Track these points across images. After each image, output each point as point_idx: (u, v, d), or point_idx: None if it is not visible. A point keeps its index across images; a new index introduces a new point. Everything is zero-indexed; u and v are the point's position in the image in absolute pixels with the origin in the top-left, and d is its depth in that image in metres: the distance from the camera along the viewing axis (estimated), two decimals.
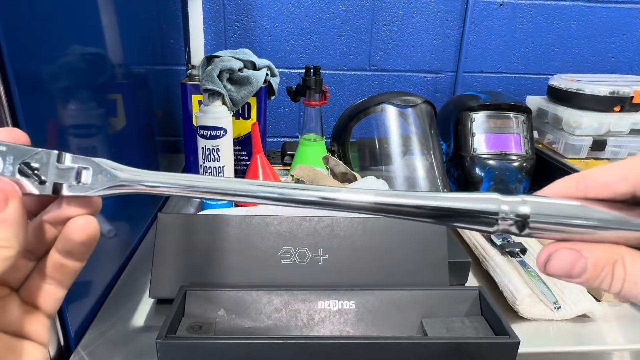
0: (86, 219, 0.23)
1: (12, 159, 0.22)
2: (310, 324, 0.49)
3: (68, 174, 0.23)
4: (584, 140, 0.85)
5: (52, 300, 0.24)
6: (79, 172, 0.23)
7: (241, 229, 0.54)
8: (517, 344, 0.44)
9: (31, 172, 0.22)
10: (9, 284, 0.24)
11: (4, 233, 0.20)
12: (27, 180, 0.22)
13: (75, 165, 0.23)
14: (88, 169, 0.23)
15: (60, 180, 0.22)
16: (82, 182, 0.23)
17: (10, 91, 0.37)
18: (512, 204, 0.22)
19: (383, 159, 0.84)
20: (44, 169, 0.22)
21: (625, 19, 1.08)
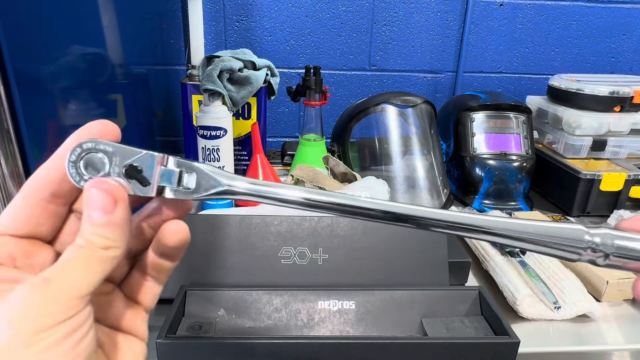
0: (177, 224, 0.24)
1: (118, 160, 0.22)
2: (310, 324, 0.49)
3: (171, 177, 0.23)
4: (584, 140, 0.85)
5: (151, 295, 0.26)
6: (181, 176, 0.23)
7: (241, 229, 0.54)
8: (517, 344, 0.44)
9: (137, 174, 0.22)
10: (112, 279, 0.25)
11: (113, 234, 0.21)
12: (132, 182, 0.22)
13: (178, 169, 0.23)
14: (191, 174, 0.23)
15: (163, 183, 0.23)
16: (184, 185, 0.23)
17: (10, 91, 0.37)
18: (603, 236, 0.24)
19: (383, 159, 0.84)
20: (148, 171, 0.23)
21: (625, 19, 1.08)
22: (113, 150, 0.22)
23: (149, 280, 0.25)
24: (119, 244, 0.21)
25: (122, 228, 0.21)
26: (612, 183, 0.79)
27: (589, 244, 0.24)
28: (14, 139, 0.38)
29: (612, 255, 0.24)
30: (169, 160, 0.23)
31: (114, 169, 0.22)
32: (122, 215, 0.21)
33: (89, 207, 0.21)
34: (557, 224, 0.25)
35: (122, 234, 0.21)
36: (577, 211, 0.82)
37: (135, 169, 0.22)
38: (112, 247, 0.21)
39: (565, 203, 0.84)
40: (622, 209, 0.79)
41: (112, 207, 0.21)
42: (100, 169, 0.22)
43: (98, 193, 0.21)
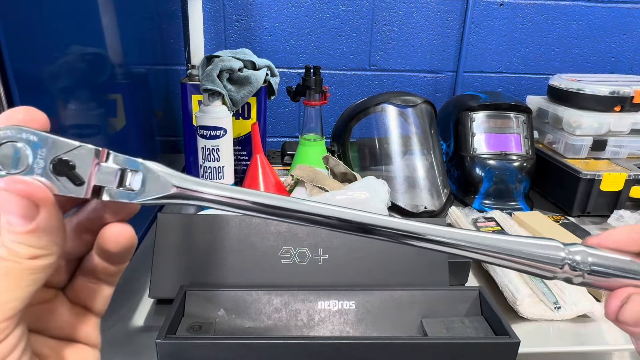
0: (119, 227, 0.21)
1: (45, 152, 0.18)
2: (310, 324, 0.49)
3: (110, 176, 0.19)
4: (584, 140, 0.85)
5: (101, 299, 0.23)
6: (123, 175, 0.20)
7: (241, 229, 0.54)
8: (517, 344, 0.44)
9: (67, 170, 0.19)
10: (52, 284, 0.22)
11: (40, 242, 0.18)
12: (62, 180, 0.19)
13: (120, 166, 0.20)
14: (136, 172, 0.20)
15: (100, 182, 0.19)
16: (127, 186, 0.20)
17: (10, 91, 0.37)
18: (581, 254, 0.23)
19: (383, 159, 0.83)
20: (82, 167, 0.19)
21: (626, 18, 1.08)
22: (38, 140, 0.18)
23: (97, 283, 0.22)
24: (50, 250, 0.18)
25: (51, 233, 0.18)
26: (612, 183, 0.79)
27: (567, 261, 0.23)
28: None
29: (587, 274, 0.23)
30: (109, 156, 0.20)
31: (38, 163, 0.18)
32: (48, 220, 0.18)
33: (5, 211, 0.17)
34: (531, 239, 0.23)
35: (52, 240, 0.18)
36: (578, 211, 0.82)
37: (65, 163, 0.18)
38: (42, 255, 0.18)
39: (565, 203, 0.84)
40: (623, 209, 0.79)
41: (34, 211, 0.17)
42: (21, 163, 0.18)
43: (14, 195, 0.17)
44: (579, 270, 0.23)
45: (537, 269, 0.23)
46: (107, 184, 0.20)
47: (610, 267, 0.23)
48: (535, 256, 0.23)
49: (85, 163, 0.19)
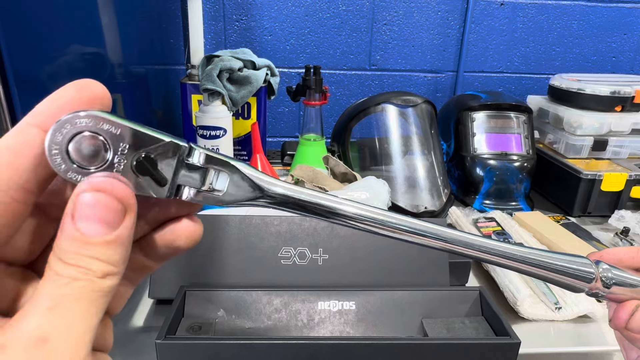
0: (195, 225, 0.19)
1: (127, 147, 0.16)
2: (311, 325, 0.49)
3: (193, 175, 0.17)
4: (585, 140, 0.85)
5: (122, 301, 0.20)
6: (206, 174, 0.18)
7: (241, 229, 0.54)
8: (518, 345, 0.44)
9: (152, 169, 0.16)
10: None
11: (115, 256, 0.15)
12: (145, 179, 0.16)
13: (206, 165, 0.18)
14: (222, 173, 0.18)
15: (184, 182, 0.17)
16: (210, 186, 0.18)
17: (10, 91, 0.37)
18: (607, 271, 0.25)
19: (383, 159, 0.83)
20: (166, 165, 0.17)
21: (626, 18, 1.08)
22: (120, 134, 0.15)
23: (125, 284, 0.20)
24: (120, 269, 0.15)
25: (127, 247, 0.16)
26: (613, 183, 0.79)
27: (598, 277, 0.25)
28: None
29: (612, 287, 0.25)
30: (194, 154, 0.17)
31: (119, 159, 0.15)
32: (130, 229, 0.16)
33: (82, 217, 0.15)
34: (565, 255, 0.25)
35: (124, 255, 0.16)
36: (578, 211, 0.82)
37: (150, 161, 0.16)
38: (113, 273, 0.15)
39: (566, 203, 0.84)
40: (623, 209, 0.79)
41: (120, 218, 0.15)
42: (100, 159, 0.15)
43: (100, 198, 0.15)
44: (606, 285, 0.25)
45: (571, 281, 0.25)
46: (188, 184, 0.17)
47: (626, 283, 0.26)
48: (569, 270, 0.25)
49: (170, 160, 0.17)
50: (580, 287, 0.25)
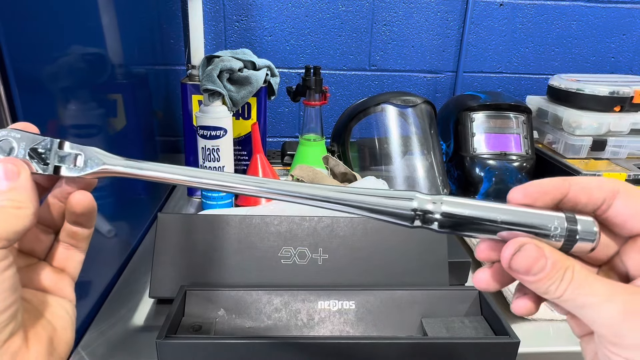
0: (81, 193, 0.28)
1: (24, 144, 0.27)
2: (310, 324, 0.49)
3: (67, 158, 0.27)
4: (584, 140, 0.85)
5: (74, 263, 0.30)
6: (75, 157, 0.28)
7: (241, 229, 0.54)
8: (517, 344, 0.44)
9: (37, 155, 0.27)
10: (36, 254, 0.29)
11: (20, 196, 0.25)
12: (34, 162, 0.27)
13: (72, 151, 0.28)
14: (81, 155, 0.28)
15: (59, 163, 0.27)
16: (76, 165, 0.28)
17: (10, 91, 0.37)
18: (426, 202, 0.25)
19: (383, 159, 0.84)
20: (48, 154, 0.27)
21: (625, 19, 1.08)
22: (20, 137, 0.27)
23: (69, 248, 0.29)
24: (28, 204, 0.25)
25: (27, 191, 0.25)
26: None
27: (419, 211, 0.25)
28: None
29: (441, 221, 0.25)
30: (65, 144, 0.28)
31: (20, 151, 0.27)
32: (25, 181, 0.25)
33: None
34: (388, 192, 0.26)
35: (29, 196, 0.25)
36: None
37: (35, 150, 0.27)
38: (22, 207, 0.24)
39: None
40: None
41: (16, 175, 0.25)
42: (9, 151, 0.26)
43: (2, 166, 0.25)
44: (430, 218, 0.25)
45: (393, 217, 0.26)
46: (64, 164, 0.27)
47: (462, 214, 0.24)
48: (389, 206, 0.26)
49: (49, 150, 0.27)
50: (403, 224, 0.25)
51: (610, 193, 0.24)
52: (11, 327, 0.23)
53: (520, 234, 0.24)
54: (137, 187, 0.72)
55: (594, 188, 0.24)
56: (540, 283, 0.23)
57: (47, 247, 0.29)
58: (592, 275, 0.23)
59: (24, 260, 0.28)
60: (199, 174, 0.28)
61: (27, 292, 0.27)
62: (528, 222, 0.24)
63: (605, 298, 0.22)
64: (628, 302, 0.21)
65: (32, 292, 0.28)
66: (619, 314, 0.21)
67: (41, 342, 0.25)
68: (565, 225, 0.24)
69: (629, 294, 0.22)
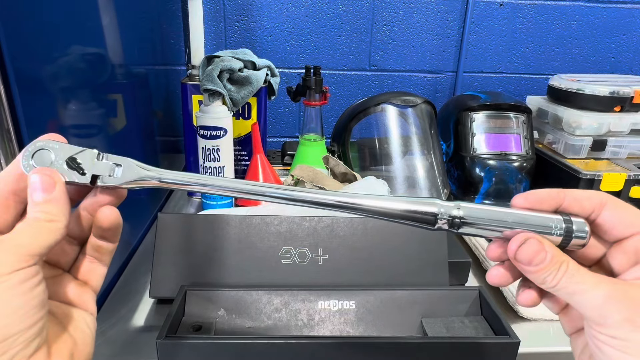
0: (109, 208, 0.28)
1: (62, 154, 0.27)
2: (310, 324, 0.49)
3: (104, 169, 0.28)
4: (584, 140, 0.85)
5: (97, 276, 0.30)
6: (113, 168, 0.28)
7: (241, 229, 0.54)
8: (517, 344, 0.44)
9: (75, 165, 0.27)
10: (60, 265, 0.29)
11: (54, 209, 0.25)
12: (72, 172, 0.27)
13: (110, 162, 0.28)
14: (120, 166, 0.28)
15: (97, 173, 0.28)
16: (113, 176, 0.28)
17: (10, 91, 0.37)
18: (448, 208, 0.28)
19: (383, 159, 0.84)
20: (86, 164, 0.28)
21: (625, 19, 1.08)
22: (58, 148, 0.27)
23: (94, 262, 0.30)
24: (61, 217, 0.25)
25: (61, 204, 0.26)
26: (612, 183, 0.79)
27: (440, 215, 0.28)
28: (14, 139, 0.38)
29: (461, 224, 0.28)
30: (103, 156, 0.28)
31: (58, 162, 0.27)
32: (60, 193, 0.26)
33: (32, 190, 0.25)
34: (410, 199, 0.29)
35: (62, 210, 0.26)
36: None
37: (74, 161, 0.27)
38: (55, 220, 0.25)
39: None
40: None
41: (52, 187, 0.26)
42: (47, 162, 0.27)
43: (40, 177, 0.26)
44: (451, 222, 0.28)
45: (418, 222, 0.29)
46: (101, 174, 0.28)
47: (479, 217, 0.28)
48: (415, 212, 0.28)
49: (87, 160, 0.28)
50: (427, 227, 0.28)
51: (599, 204, 0.28)
52: (37, 342, 0.23)
53: (526, 232, 0.27)
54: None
55: (584, 199, 0.28)
56: (539, 273, 0.27)
57: (72, 259, 0.30)
58: (583, 269, 0.27)
59: (49, 271, 0.28)
60: (233, 184, 0.29)
61: (51, 304, 0.27)
62: (532, 223, 0.28)
63: (592, 286, 0.26)
64: (611, 289, 0.25)
65: (56, 304, 0.28)
66: (603, 298, 0.25)
67: (63, 356, 0.26)
68: (563, 225, 0.28)
69: (611, 283, 0.26)
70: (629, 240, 0.27)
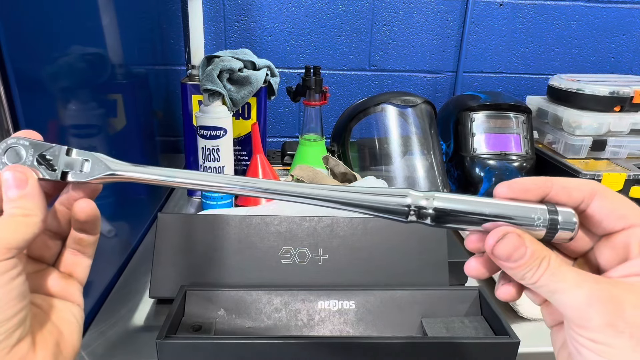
0: (85, 201, 0.28)
1: (32, 152, 0.27)
2: (310, 324, 0.49)
3: (73, 165, 0.28)
4: (584, 140, 0.85)
5: (82, 268, 0.30)
6: (82, 163, 0.28)
7: (241, 229, 0.54)
8: (517, 344, 0.44)
9: (45, 162, 0.28)
10: (44, 260, 0.29)
11: (29, 204, 0.25)
12: (42, 168, 0.27)
13: (79, 157, 0.28)
14: (88, 161, 0.28)
15: (67, 169, 0.28)
16: (83, 171, 0.28)
17: (10, 91, 0.37)
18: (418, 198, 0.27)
19: (383, 159, 0.84)
20: (55, 160, 0.28)
21: (625, 19, 1.08)
22: (28, 144, 0.27)
23: (77, 255, 0.30)
24: (37, 212, 0.26)
25: (36, 199, 0.26)
26: (612, 183, 0.79)
27: (412, 206, 0.26)
28: None
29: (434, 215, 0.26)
30: (72, 151, 0.28)
31: (28, 158, 0.27)
32: (33, 189, 0.26)
33: (5, 187, 0.26)
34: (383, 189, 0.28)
35: (37, 204, 0.26)
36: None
37: (44, 157, 0.28)
38: (31, 215, 0.25)
39: None
40: None
41: (24, 183, 0.26)
42: (18, 159, 0.27)
43: (12, 174, 0.26)
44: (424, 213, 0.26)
45: (388, 213, 0.27)
46: (71, 170, 0.28)
47: (454, 209, 0.26)
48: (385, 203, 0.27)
49: (57, 157, 0.28)
50: (398, 219, 0.27)
51: (589, 194, 0.26)
52: (19, 333, 0.24)
53: (505, 225, 0.26)
54: (137, 188, 0.72)
55: (573, 188, 0.26)
56: (519, 269, 0.25)
57: (56, 253, 0.30)
58: (565, 265, 0.25)
59: (33, 266, 0.29)
60: (201, 177, 0.29)
61: (36, 297, 0.28)
62: (513, 214, 0.26)
63: (575, 284, 0.24)
64: (594, 289, 0.23)
65: (41, 297, 0.28)
66: (585, 298, 0.23)
67: (48, 346, 0.26)
68: (548, 216, 0.25)
69: (595, 283, 0.24)
70: (619, 234, 0.26)
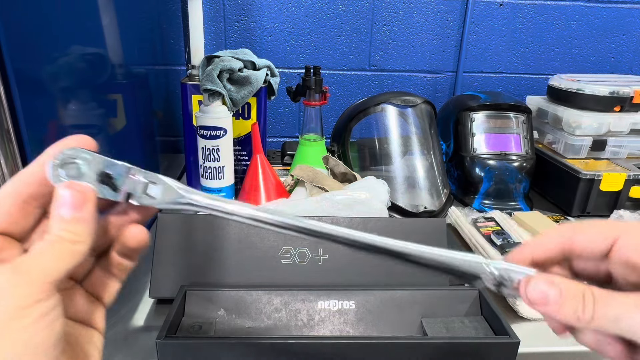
0: (139, 228, 0.27)
1: (94, 167, 0.25)
2: (310, 324, 0.49)
3: (137, 186, 0.26)
4: (584, 140, 0.85)
5: (110, 292, 0.28)
6: (147, 186, 0.26)
7: (241, 229, 0.54)
8: (517, 344, 0.44)
9: (108, 180, 0.25)
10: (74, 277, 0.27)
11: (80, 229, 0.23)
12: (104, 187, 0.25)
13: (145, 179, 0.26)
14: (156, 184, 0.26)
15: (130, 191, 0.26)
16: (149, 195, 0.26)
17: (10, 91, 0.37)
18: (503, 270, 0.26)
19: (383, 159, 0.84)
20: (119, 179, 0.26)
21: (625, 19, 1.08)
22: (91, 159, 0.25)
23: (110, 277, 0.28)
24: (86, 239, 0.23)
25: (89, 224, 0.23)
26: (612, 183, 0.79)
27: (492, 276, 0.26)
28: (14, 139, 0.38)
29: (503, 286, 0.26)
30: (137, 172, 0.26)
31: (89, 175, 0.25)
32: (89, 213, 0.24)
33: (59, 205, 0.23)
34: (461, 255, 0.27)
35: (89, 230, 0.23)
36: (577, 211, 0.82)
37: (108, 176, 0.25)
38: (79, 241, 0.23)
39: (565, 203, 0.84)
40: (622, 209, 0.79)
41: (82, 205, 0.23)
42: (77, 174, 0.25)
43: (70, 192, 0.23)
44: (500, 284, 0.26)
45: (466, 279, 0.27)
46: (135, 192, 0.26)
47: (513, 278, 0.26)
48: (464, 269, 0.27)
49: (121, 176, 0.26)
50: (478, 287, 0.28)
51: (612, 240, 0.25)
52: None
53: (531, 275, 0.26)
54: None
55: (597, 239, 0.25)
56: (561, 311, 0.23)
57: (87, 270, 0.28)
58: (611, 292, 0.23)
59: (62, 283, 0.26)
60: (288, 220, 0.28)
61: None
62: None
63: (635, 306, 0.22)
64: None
65: (67, 322, 0.25)
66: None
67: None
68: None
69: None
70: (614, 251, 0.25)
